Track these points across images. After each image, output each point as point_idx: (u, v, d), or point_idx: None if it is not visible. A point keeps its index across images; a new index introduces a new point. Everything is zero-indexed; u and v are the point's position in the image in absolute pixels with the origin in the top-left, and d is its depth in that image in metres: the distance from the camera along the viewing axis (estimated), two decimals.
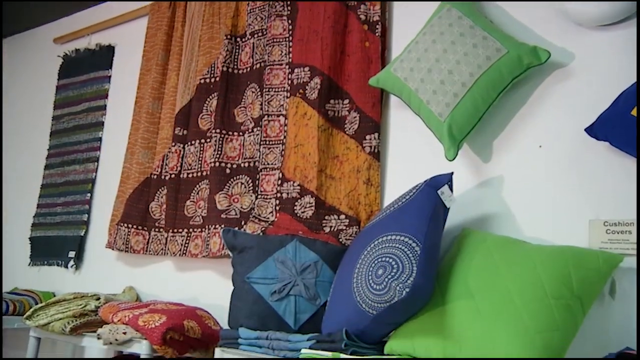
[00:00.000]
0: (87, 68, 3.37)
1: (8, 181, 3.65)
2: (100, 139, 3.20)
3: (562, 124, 1.80)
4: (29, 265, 3.32)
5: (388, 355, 1.62)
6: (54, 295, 2.94)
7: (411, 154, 2.10)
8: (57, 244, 3.18)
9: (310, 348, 1.64)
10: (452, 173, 1.77)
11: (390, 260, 1.58)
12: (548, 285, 1.52)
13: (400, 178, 2.10)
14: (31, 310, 2.35)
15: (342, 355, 1.56)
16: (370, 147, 2.14)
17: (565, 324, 1.49)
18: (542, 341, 1.45)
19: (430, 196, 1.72)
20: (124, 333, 2.02)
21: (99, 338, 2.05)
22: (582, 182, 1.73)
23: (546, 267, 1.55)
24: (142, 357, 1.97)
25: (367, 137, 2.15)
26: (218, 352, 1.85)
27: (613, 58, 1.75)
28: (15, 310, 2.73)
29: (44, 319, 2.29)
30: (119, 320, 2.09)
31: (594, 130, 1.68)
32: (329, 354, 1.58)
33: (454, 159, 1.84)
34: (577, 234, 1.69)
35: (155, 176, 2.74)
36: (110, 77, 3.28)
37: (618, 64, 1.74)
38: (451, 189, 1.74)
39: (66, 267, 3.10)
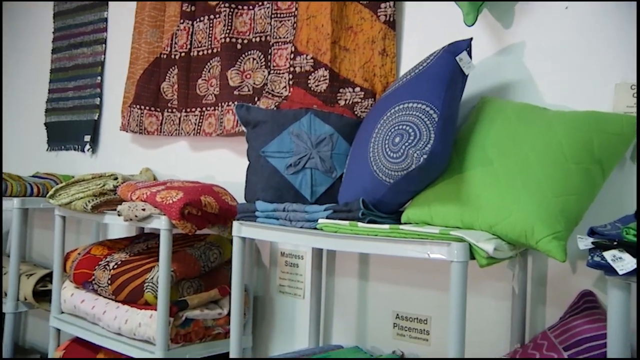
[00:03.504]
0: None
1: (19, 65, 3.60)
2: (105, 20, 3.10)
3: None
4: (47, 150, 3.35)
5: (405, 223, 1.63)
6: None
7: (428, 22, 2.00)
8: (72, 128, 3.19)
9: (327, 218, 1.65)
10: (471, 39, 1.70)
11: (407, 127, 1.55)
12: (568, 150, 1.49)
13: (417, 48, 2.02)
14: (53, 190, 2.40)
15: (360, 224, 1.57)
16: (386, 15, 2.04)
17: (584, 188, 1.48)
18: (559, 205, 1.44)
19: (449, 62, 1.65)
20: (143, 210, 2.05)
21: (119, 215, 2.08)
22: (609, 44, 1.65)
23: (567, 132, 1.51)
24: (162, 230, 2.00)
25: (382, 5, 2.05)
26: (236, 226, 1.88)
27: None
28: (39, 192, 2.79)
29: (65, 198, 2.33)
30: (137, 198, 2.11)
31: None
32: (346, 223, 1.59)
33: (473, 24, 1.76)
34: (602, 99, 1.63)
35: (165, 55, 2.68)
36: None
37: None
38: (470, 56, 1.67)
39: (82, 151, 3.12)
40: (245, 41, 2.38)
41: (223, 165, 2.52)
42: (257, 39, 2.36)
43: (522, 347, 1.63)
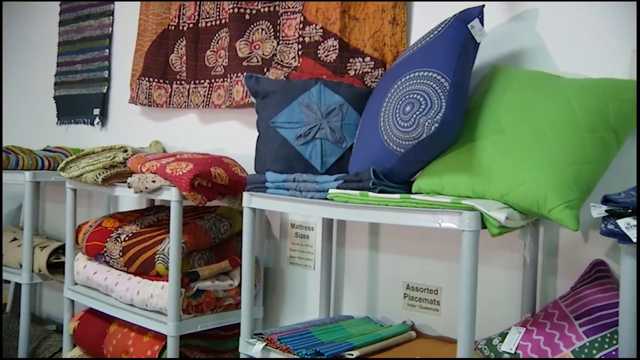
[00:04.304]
0: None
1: (27, 39, 3.59)
2: None
3: None
4: (57, 124, 3.35)
5: (416, 193, 1.62)
6: None
7: None
8: (81, 102, 3.19)
9: (337, 188, 1.64)
10: (483, 6, 1.66)
11: (418, 96, 1.53)
12: (582, 118, 1.46)
13: (428, 16, 1.99)
14: (63, 162, 2.40)
15: (370, 194, 1.56)
16: None
17: (598, 157, 1.46)
18: (573, 174, 1.42)
19: (460, 30, 1.62)
20: (153, 181, 2.05)
21: (129, 187, 2.09)
22: (625, 9, 1.61)
23: (581, 99, 1.49)
24: (172, 202, 2.00)
25: None
26: (246, 197, 1.88)
27: None
28: (50, 165, 2.80)
29: (75, 171, 2.34)
30: (147, 170, 2.11)
31: None
32: (356, 193, 1.59)
33: None
34: (618, 66, 1.60)
35: (172, 27, 2.66)
36: None
37: None
38: (482, 23, 1.64)
39: (92, 124, 3.12)
40: (254, 11, 2.35)
41: (232, 137, 2.51)
42: (266, 9, 2.33)
43: (532, 316, 1.63)
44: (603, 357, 1.41)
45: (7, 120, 3.65)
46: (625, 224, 1.19)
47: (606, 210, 1.23)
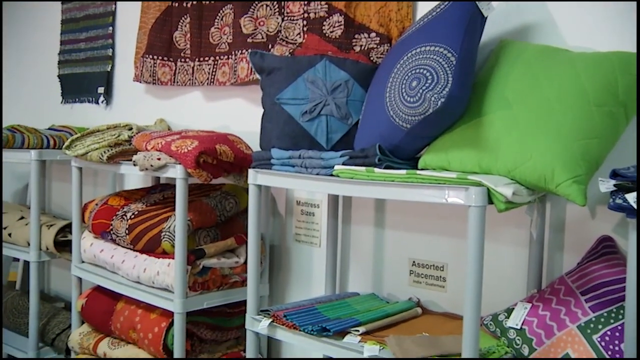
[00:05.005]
0: None
1: (30, 17, 3.57)
2: None
3: None
4: (61, 103, 3.34)
5: (422, 169, 1.61)
6: None
7: None
8: (85, 80, 3.18)
9: (343, 164, 1.64)
10: None
11: (425, 71, 1.51)
12: (591, 92, 1.45)
13: None
14: (69, 140, 2.40)
15: (376, 170, 1.55)
16: None
17: (607, 131, 1.45)
18: (581, 148, 1.41)
19: (467, 5, 1.60)
20: (159, 159, 2.04)
21: (134, 165, 2.09)
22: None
23: (590, 73, 1.47)
24: (177, 179, 2.00)
25: None
26: (251, 173, 1.87)
27: None
28: (55, 144, 2.79)
29: (81, 149, 2.34)
30: (152, 148, 2.11)
31: None
32: (362, 169, 1.58)
33: None
34: (627, 40, 1.57)
35: (176, 4, 2.63)
36: None
37: None
38: None
39: (97, 103, 3.11)
40: None
41: (237, 115, 2.50)
42: None
43: (538, 292, 1.63)
44: (609, 332, 1.41)
45: (12, 99, 3.65)
46: (634, 198, 1.18)
47: (615, 185, 1.22)
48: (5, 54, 3.67)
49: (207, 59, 2.52)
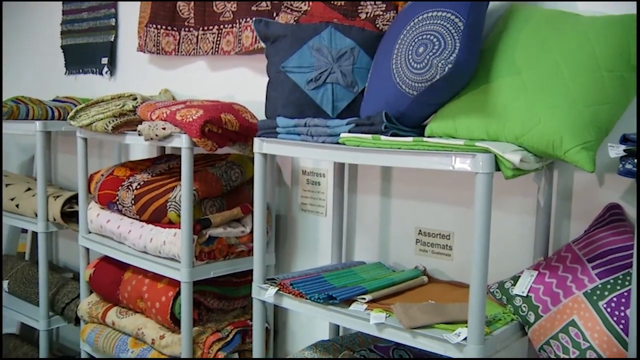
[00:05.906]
0: None
1: None
2: None
3: None
4: (65, 74, 3.32)
5: (429, 136, 1.60)
6: None
7: None
8: (89, 51, 3.15)
9: (349, 132, 1.62)
10: None
11: (432, 37, 1.49)
12: (602, 57, 1.42)
13: None
14: (73, 111, 2.39)
15: (383, 137, 1.54)
16: None
17: (617, 97, 1.43)
18: (590, 114, 1.39)
19: None
20: (164, 128, 2.03)
21: (140, 134, 2.08)
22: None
23: (601, 38, 1.44)
24: (183, 149, 1.99)
25: None
26: (257, 142, 1.86)
27: None
28: (60, 115, 2.79)
29: (85, 119, 2.33)
30: (157, 117, 2.10)
31: None
32: (368, 137, 1.57)
33: None
34: None
35: None
36: None
37: None
38: None
39: (101, 73, 3.09)
40: None
41: (242, 84, 2.48)
42: None
43: (545, 260, 1.63)
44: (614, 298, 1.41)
45: (16, 71, 3.63)
46: None
47: (624, 150, 1.20)
48: (7, 26, 3.64)
49: (211, 27, 2.49)
